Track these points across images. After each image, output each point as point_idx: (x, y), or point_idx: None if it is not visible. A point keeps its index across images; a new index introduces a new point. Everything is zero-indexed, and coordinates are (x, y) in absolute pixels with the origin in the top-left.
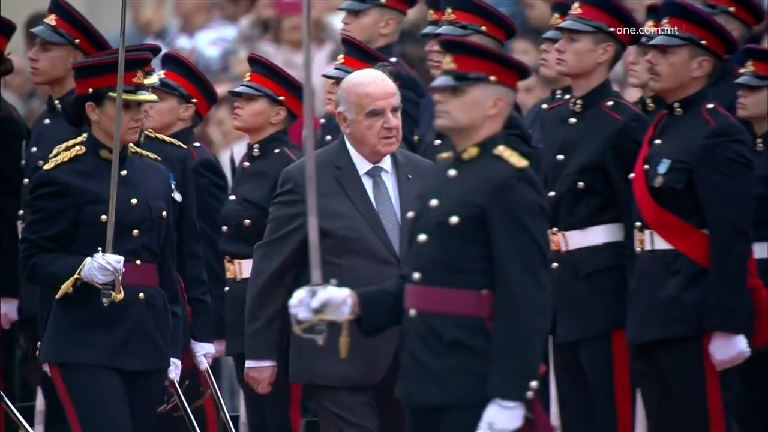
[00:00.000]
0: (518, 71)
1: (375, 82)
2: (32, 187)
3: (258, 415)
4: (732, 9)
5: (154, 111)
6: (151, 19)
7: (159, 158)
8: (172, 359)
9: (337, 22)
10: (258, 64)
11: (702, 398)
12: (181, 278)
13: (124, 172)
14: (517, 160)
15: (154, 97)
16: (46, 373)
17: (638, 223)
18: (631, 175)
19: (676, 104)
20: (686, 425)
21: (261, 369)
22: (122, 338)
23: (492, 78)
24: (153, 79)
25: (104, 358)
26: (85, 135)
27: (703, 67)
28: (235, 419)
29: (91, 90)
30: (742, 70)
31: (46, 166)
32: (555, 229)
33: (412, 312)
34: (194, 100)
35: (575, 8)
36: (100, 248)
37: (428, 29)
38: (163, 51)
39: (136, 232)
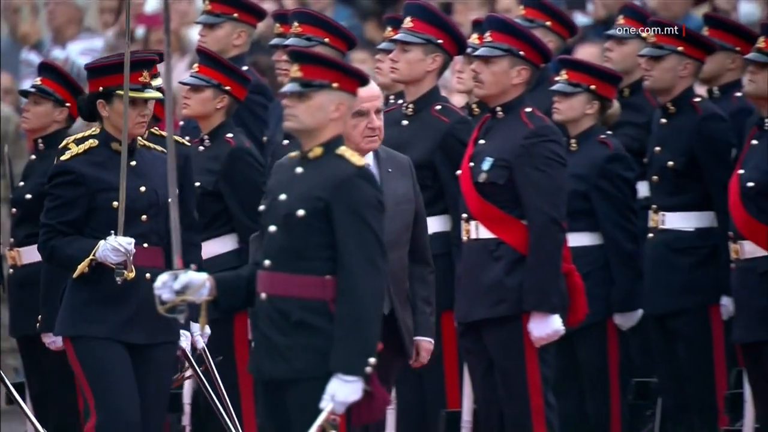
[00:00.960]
0: (358, 79)
1: None
2: (50, 176)
3: None
4: (548, 23)
5: (31, 114)
6: (28, 32)
7: (165, 150)
8: (182, 331)
9: (194, 34)
10: None
11: (522, 371)
12: None
13: (133, 163)
14: (357, 159)
15: (158, 94)
16: None
17: (465, 215)
18: (458, 172)
19: (498, 108)
20: (508, 396)
21: None
22: (129, 315)
23: (335, 85)
24: (159, 81)
25: (112, 332)
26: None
27: (521, 75)
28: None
29: (101, 88)
30: (557, 78)
31: (63, 157)
32: None
33: (263, 295)
34: (68, 104)
35: (407, 22)
36: (112, 231)
37: (276, 41)
38: (39, 60)
39: (144, 217)
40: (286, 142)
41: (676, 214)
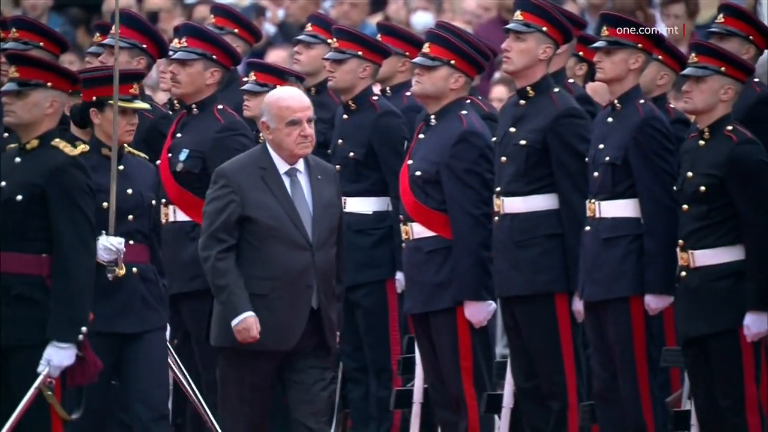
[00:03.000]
0: (69, 79)
1: (293, 97)
2: None
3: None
4: (236, 30)
5: None
6: None
7: (147, 157)
8: None
9: None
10: None
11: None
12: None
13: (121, 167)
14: (70, 150)
15: (147, 105)
16: None
17: (164, 200)
18: (158, 162)
19: (194, 105)
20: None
21: (245, 320)
22: (120, 306)
23: (49, 84)
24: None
25: (103, 325)
26: None
27: (214, 77)
28: None
29: (94, 98)
30: (246, 79)
31: None
32: None
33: None
34: None
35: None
36: (104, 231)
37: None
38: None
39: (131, 217)
40: (6, 134)
41: (356, 199)
